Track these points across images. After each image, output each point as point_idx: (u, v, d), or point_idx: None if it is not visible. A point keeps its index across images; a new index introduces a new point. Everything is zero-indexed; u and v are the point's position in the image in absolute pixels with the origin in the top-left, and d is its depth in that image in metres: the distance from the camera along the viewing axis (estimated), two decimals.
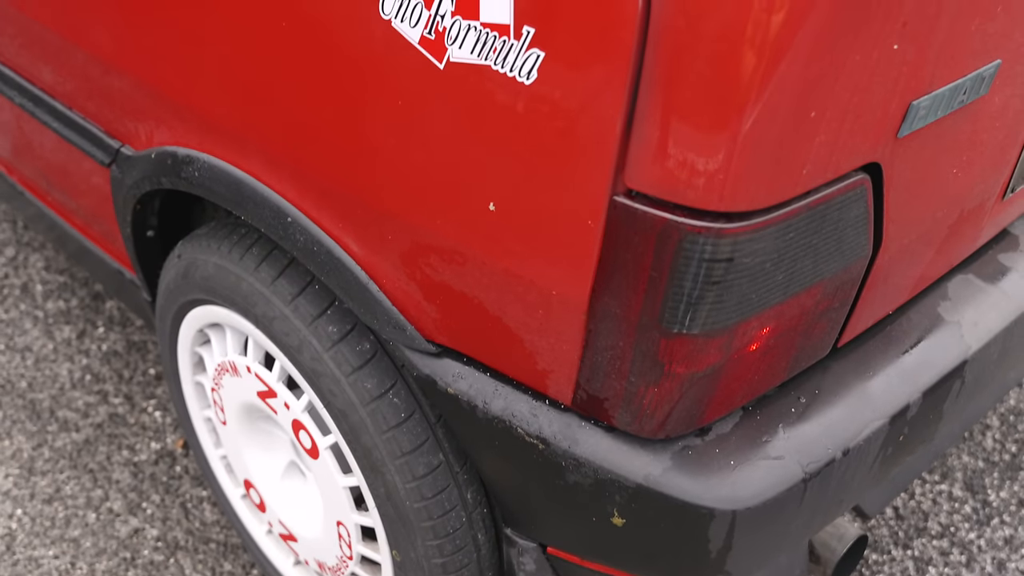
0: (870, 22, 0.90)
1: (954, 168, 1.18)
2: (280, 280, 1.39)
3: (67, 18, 1.54)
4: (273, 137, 1.27)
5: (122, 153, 1.58)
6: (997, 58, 1.09)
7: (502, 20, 0.97)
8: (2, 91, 1.86)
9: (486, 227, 1.08)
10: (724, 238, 0.95)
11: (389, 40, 1.06)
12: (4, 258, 2.69)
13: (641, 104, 0.92)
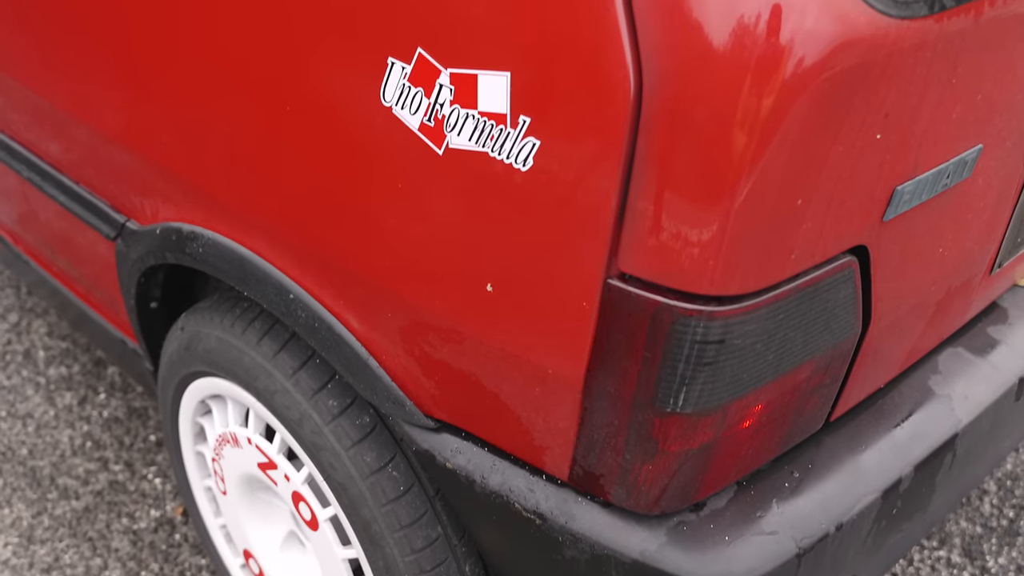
0: (852, 113, 0.93)
1: (940, 248, 1.21)
2: (281, 354, 1.42)
3: (75, 96, 1.58)
4: (276, 215, 1.30)
5: (127, 227, 1.62)
6: (979, 143, 1.13)
7: (499, 109, 1.01)
8: (10, 164, 1.90)
9: (484, 307, 1.11)
10: (715, 321, 0.98)
11: (390, 126, 1.10)
12: (7, 324, 2.72)
13: (634, 191, 0.95)
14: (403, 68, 1.06)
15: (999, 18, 1.02)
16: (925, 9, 0.93)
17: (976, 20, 0.99)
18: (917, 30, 0.93)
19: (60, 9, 1.51)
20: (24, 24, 1.63)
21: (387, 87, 1.08)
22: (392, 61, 1.07)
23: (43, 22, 1.57)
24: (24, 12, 1.61)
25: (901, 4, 0.91)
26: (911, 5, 0.91)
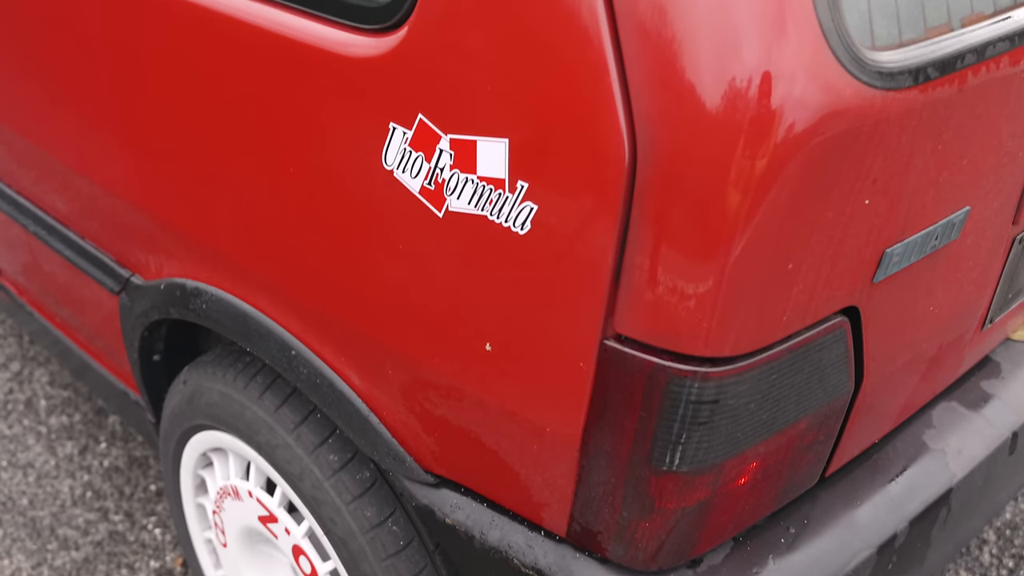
0: (840, 180, 0.96)
1: (931, 306, 1.23)
2: (283, 408, 1.44)
3: (82, 153, 1.61)
4: (280, 273, 1.33)
5: (132, 282, 1.64)
6: (966, 205, 1.16)
7: (498, 174, 1.03)
8: (16, 218, 1.93)
9: (483, 366, 1.13)
10: (710, 381, 1.00)
11: (391, 189, 1.13)
12: (9, 373, 2.73)
13: (629, 254, 0.97)
14: (404, 133, 1.09)
15: (982, 86, 1.05)
16: (910, 80, 0.96)
17: (960, 89, 1.02)
18: (903, 100, 0.96)
19: (70, 69, 1.55)
20: (33, 82, 1.67)
21: (389, 151, 1.11)
22: (393, 126, 1.10)
23: (53, 81, 1.61)
24: (34, 71, 1.65)
25: (886, 76, 0.94)
26: (896, 77, 0.94)
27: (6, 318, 2.93)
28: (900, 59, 0.95)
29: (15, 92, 1.73)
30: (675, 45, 0.89)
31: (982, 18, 1.05)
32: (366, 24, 1.11)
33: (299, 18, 1.17)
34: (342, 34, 1.13)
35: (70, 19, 1.51)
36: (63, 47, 1.55)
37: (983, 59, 1.03)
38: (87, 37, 1.49)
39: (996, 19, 1.06)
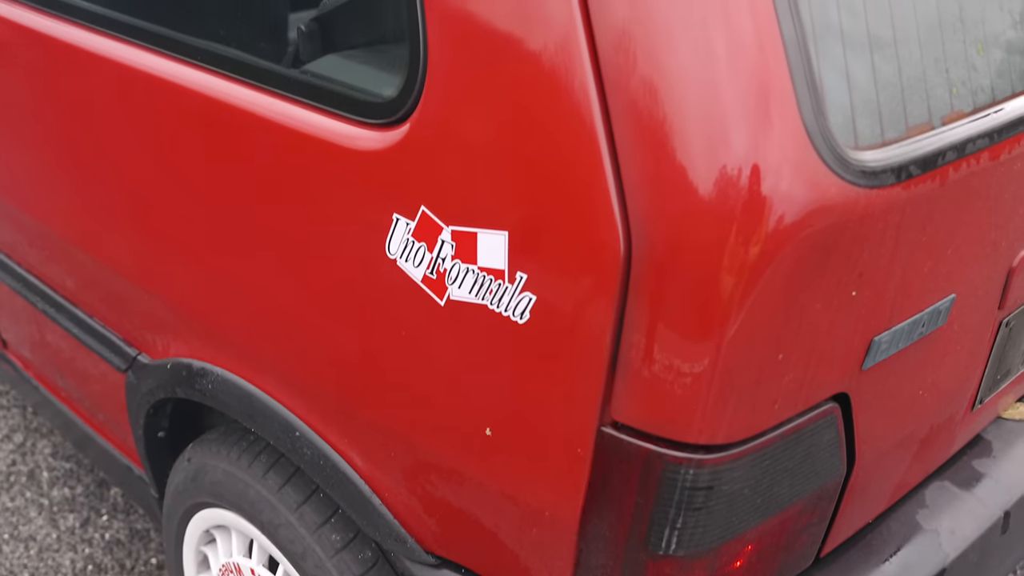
0: (828, 273, 1.00)
1: (921, 390, 1.26)
2: (286, 488, 1.46)
3: (92, 235, 1.66)
4: (285, 356, 1.36)
5: (138, 361, 1.67)
6: (952, 292, 1.19)
7: (498, 265, 1.07)
8: (25, 295, 1.97)
9: (483, 450, 1.16)
10: (704, 468, 1.02)
11: (394, 277, 1.16)
12: (12, 444, 2.75)
13: (625, 343, 1.01)
14: (407, 224, 1.13)
15: (963, 180, 1.09)
16: (893, 178, 1.00)
17: (942, 184, 1.06)
18: (886, 197, 1.00)
19: (80, 152, 1.60)
20: (44, 164, 1.72)
21: (392, 241, 1.15)
22: (397, 217, 1.14)
23: (65, 164, 1.66)
24: (45, 153, 1.70)
25: (870, 174, 0.98)
26: (879, 175, 0.99)
27: (10, 389, 2.96)
28: (883, 158, 1.00)
29: (26, 172, 1.78)
30: (668, 143, 0.94)
31: (961, 116, 1.10)
32: (372, 118, 1.15)
33: (307, 111, 1.22)
34: (349, 127, 1.17)
35: (81, 102, 1.57)
36: (74, 129, 1.60)
37: (963, 155, 1.07)
38: (97, 120, 1.54)
39: (975, 117, 1.11)
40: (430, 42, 1.07)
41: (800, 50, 0.94)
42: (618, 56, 0.94)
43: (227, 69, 1.31)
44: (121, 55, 1.45)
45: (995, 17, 1.19)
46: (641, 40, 0.93)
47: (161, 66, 1.39)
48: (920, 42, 1.09)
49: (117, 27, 1.46)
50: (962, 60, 1.13)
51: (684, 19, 0.91)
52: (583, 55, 0.96)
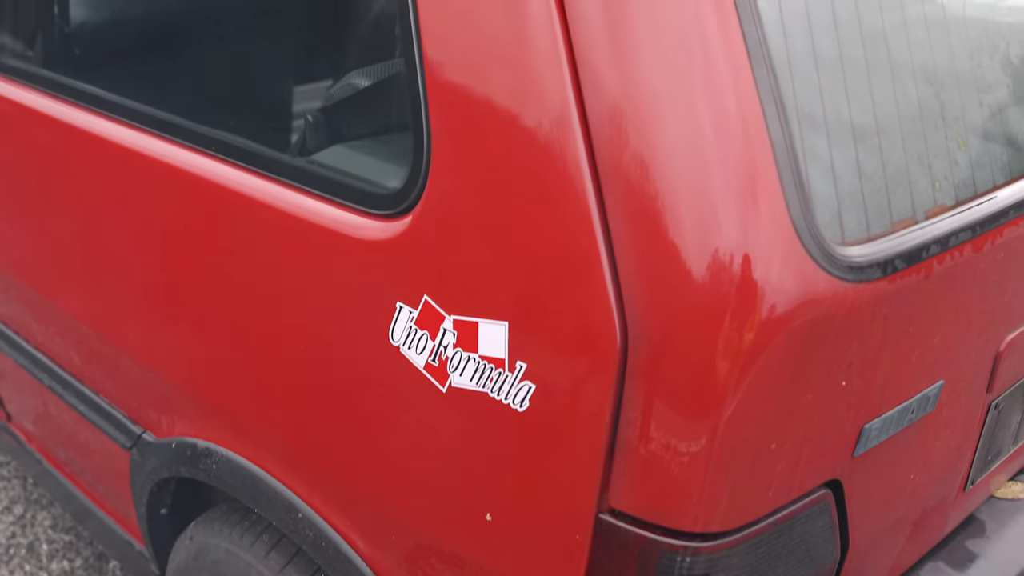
0: (817, 365, 1.03)
1: (912, 474, 1.28)
2: (288, 568, 1.47)
3: (99, 314, 1.69)
4: (289, 438, 1.38)
5: (143, 439, 1.70)
6: (940, 379, 1.23)
7: (498, 354, 1.10)
8: (32, 371, 2.00)
9: (483, 535, 1.18)
10: (700, 556, 1.05)
11: (397, 364, 1.19)
12: (12, 516, 2.75)
13: (622, 432, 1.04)
14: (411, 312, 1.16)
15: (948, 271, 1.13)
16: (879, 272, 1.04)
17: (927, 276, 1.10)
18: (873, 291, 1.04)
19: (90, 234, 1.64)
20: (52, 241, 1.76)
21: (396, 328, 1.19)
22: (400, 305, 1.17)
23: (73, 244, 1.70)
24: (54, 231, 1.74)
25: (856, 269, 1.02)
26: (866, 270, 1.02)
27: (11, 460, 2.97)
28: (868, 253, 1.04)
29: (34, 248, 1.82)
30: (660, 232, 0.98)
31: (944, 210, 1.14)
32: (377, 209, 1.19)
33: (314, 200, 1.26)
34: (355, 217, 1.21)
35: (92, 184, 1.61)
36: (84, 209, 1.65)
37: (947, 248, 1.11)
38: (108, 202, 1.59)
39: (958, 210, 1.15)
40: (433, 134, 1.11)
41: (787, 150, 0.98)
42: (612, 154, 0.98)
43: (236, 158, 1.35)
44: (132, 141, 1.49)
45: (975, 112, 1.24)
46: (634, 139, 0.97)
47: (170, 152, 1.43)
48: (903, 139, 1.13)
49: (130, 114, 1.51)
50: (944, 155, 1.17)
51: (672, 102, 0.96)
52: (580, 152, 1.00)
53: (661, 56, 0.97)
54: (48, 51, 1.80)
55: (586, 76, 0.99)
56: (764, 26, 1.00)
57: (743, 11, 0.98)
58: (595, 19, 0.98)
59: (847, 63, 1.10)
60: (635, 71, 0.97)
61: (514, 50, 1.03)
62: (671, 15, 0.97)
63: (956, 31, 1.25)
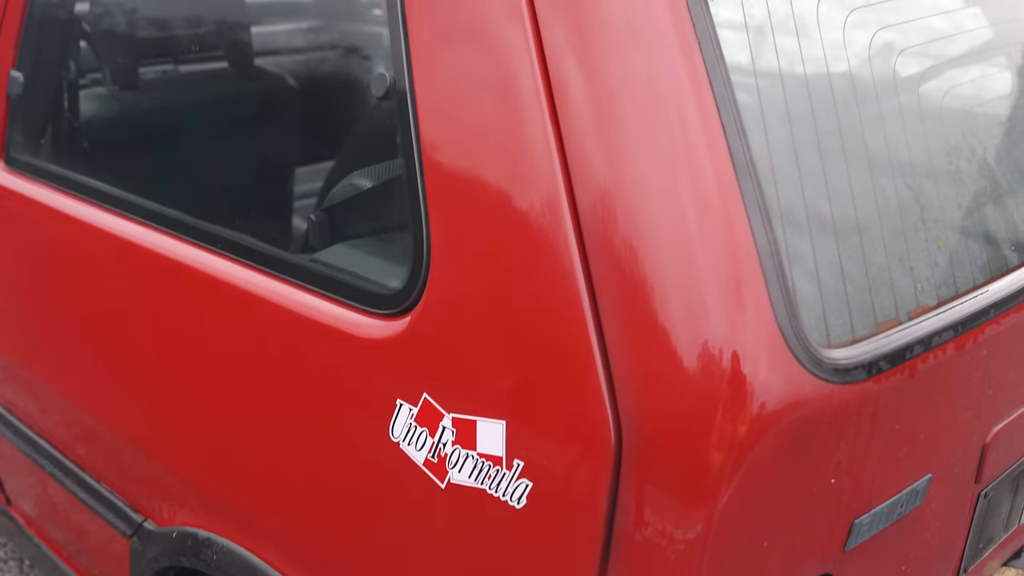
0: (806, 464, 1.06)
1: (904, 566, 1.30)
2: None
3: (103, 404, 1.72)
4: (290, 529, 1.40)
5: (144, 528, 1.71)
6: (928, 472, 1.25)
7: (496, 452, 1.13)
8: (32, 456, 2.01)
9: None
10: None
11: (397, 459, 1.22)
12: None
13: (617, 529, 1.06)
14: (410, 409, 1.20)
15: (931, 370, 1.17)
16: (864, 374, 1.07)
17: (911, 376, 1.14)
18: (859, 392, 1.07)
19: (95, 324, 1.68)
20: (55, 329, 1.79)
21: (396, 424, 1.22)
22: (400, 403, 1.20)
23: (77, 333, 1.73)
24: (57, 319, 1.77)
25: (842, 371, 1.05)
26: (851, 371, 1.06)
27: (7, 541, 2.96)
28: (854, 355, 1.07)
29: (36, 335, 1.85)
30: (653, 335, 1.01)
31: (927, 310, 1.18)
32: (378, 308, 1.23)
33: (317, 299, 1.30)
34: (356, 315, 1.25)
35: (96, 276, 1.65)
36: (89, 300, 1.68)
37: (930, 348, 1.15)
38: (112, 294, 1.62)
39: (940, 310, 1.19)
40: (433, 235, 1.15)
41: (772, 256, 1.02)
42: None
43: (240, 255, 1.39)
44: (135, 235, 1.54)
45: (953, 212, 1.29)
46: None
47: (173, 247, 1.48)
48: (885, 241, 1.18)
49: (134, 209, 1.55)
50: (925, 256, 1.21)
51: (657, 229, 1.00)
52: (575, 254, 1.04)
53: (647, 158, 1.02)
54: (52, 144, 1.86)
55: (579, 184, 1.04)
56: (749, 141, 1.05)
57: (727, 122, 1.03)
58: (588, 138, 1.03)
59: (828, 169, 1.15)
60: (622, 168, 1.02)
61: (508, 143, 1.08)
62: (658, 121, 1.02)
63: (933, 135, 1.31)
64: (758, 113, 1.10)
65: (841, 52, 1.23)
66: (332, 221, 1.44)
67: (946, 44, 1.44)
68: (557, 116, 1.05)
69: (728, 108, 1.03)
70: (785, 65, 1.16)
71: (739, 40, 1.11)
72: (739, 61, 1.10)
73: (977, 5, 1.57)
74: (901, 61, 1.28)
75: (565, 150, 1.04)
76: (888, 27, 1.32)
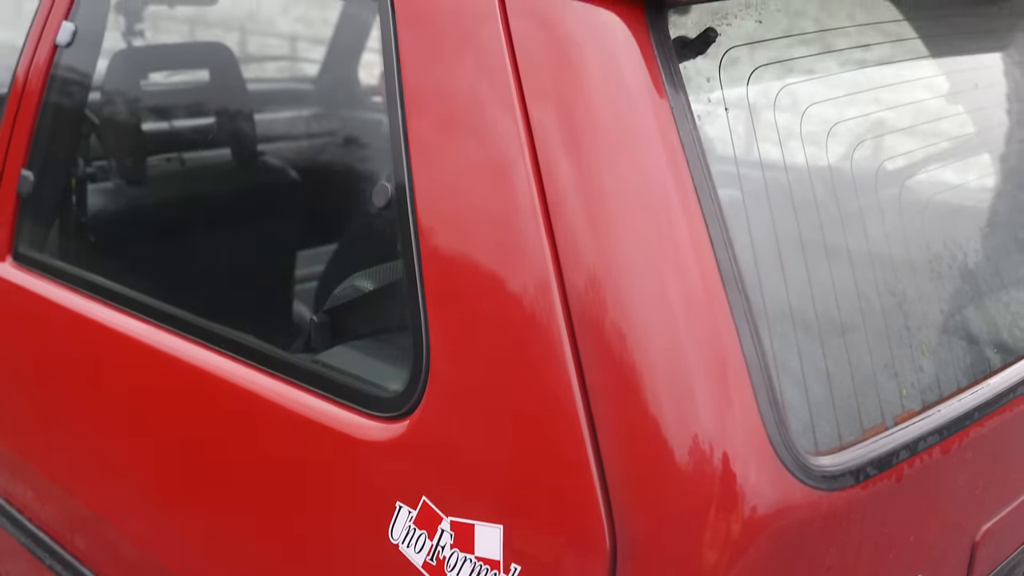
0: (797, 570, 1.08)
1: None
2: None
3: (105, 501, 1.73)
4: None
5: None
6: (919, 573, 1.27)
7: (494, 556, 1.16)
8: (32, 550, 2.02)
9: None
10: None
11: (396, 562, 1.24)
12: None
13: None
14: (410, 512, 1.22)
15: (918, 473, 1.20)
16: (852, 480, 1.10)
17: (898, 480, 1.17)
18: (847, 497, 1.10)
19: (98, 424, 1.70)
20: (60, 429, 1.81)
21: (395, 527, 1.24)
22: (400, 505, 1.23)
23: (80, 432, 1.76)
24: (62, 420, 1.80)
25: (830, 478, 1.08)
26: (839, 478, 1.09)
27: None
28: (842, 462, 1.10)
29: (46, 436, 1.88)
30: (647, 436, 1.05)
31: (912, 415, 1.22)
32: (378, 411, 1.26)
33: (318, 399, 1.33)
34: (356, 417, 1.28)
35: (98, 372, 1.68)
36: (96, 401, 1.71)
37: (916, 453, 1.18)
38: (114, 396, 1.65)
39: (925, 415, 1.22)
40: (432, 340, 1.19)
41: (760, 368, 1.06)
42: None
43: (243, 355, 1.43)
44: (140, 333, 1.58)
45: (937, 318, 1.33)
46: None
47: (178, 346, 1.51)
48: (870, 349, 1.22)
49: (138, 307, 1.59)
50: (910, 362, 1.25)
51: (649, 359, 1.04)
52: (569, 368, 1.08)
53: (636, 259, 1.06)
54: (59, 240, 1.90)
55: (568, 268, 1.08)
56: (735, 250, 1.09)
57: (713, 227, 1.07)
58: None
59: (813, 275, 1.20)
60: (611, 259, 1.06)
61: (502, 234, 1.12)
62: (643, 220, 1.07)
63: (915, 241, 1.36)
64: (744, 219, 1.14)
65: (824, 162, 1.29)
66: (334, 322, 1.47)
67: (927, 150, 1.50)
68: (548, 207, 1.09)
69: (714, 215, 1.08)
70: (770, 175, 1.22)
71: (723, 143, 1.17)
72: (724, 169, 1.16)
73: (959, 105, 1.63)
74: (882, 176, 1.34)
75: (559, 254, 1.09)
76: (870, 137, 1.38)
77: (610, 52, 1.12)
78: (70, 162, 1.92)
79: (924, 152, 1.48)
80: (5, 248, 1.86)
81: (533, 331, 1.10)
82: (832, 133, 1.31)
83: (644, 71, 1.11)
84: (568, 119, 1.11)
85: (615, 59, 1.12)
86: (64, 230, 1.90)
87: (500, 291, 1.13)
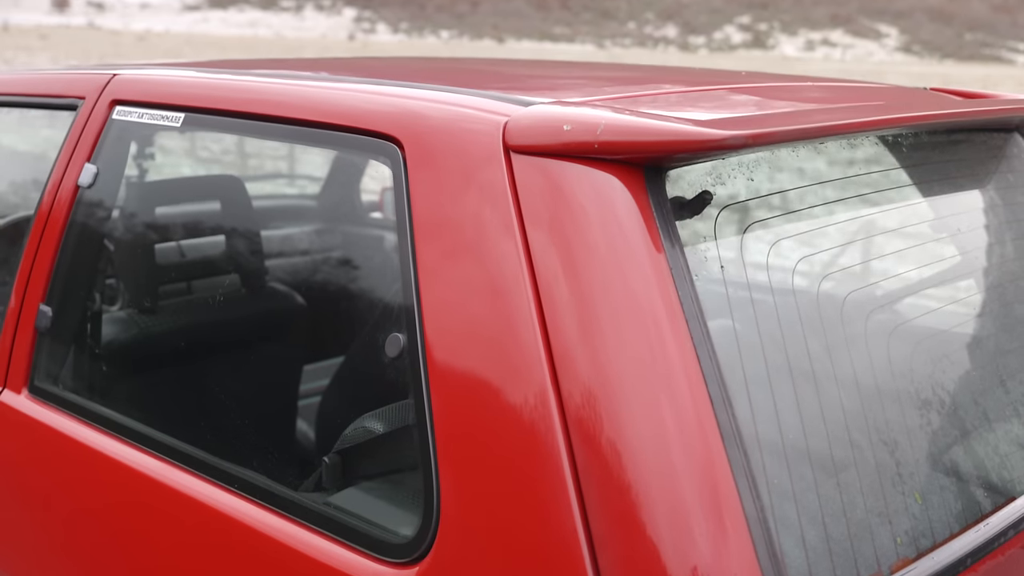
0: None
1: None
2: None
3: None
4: None
5: None
6: None
7: None
8: None
9: None
10: None
11: None
12: None
13: None
14: None
15: None
16: None
17: None
18: None
19: (110, 560, 1.72)
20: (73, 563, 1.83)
21: None
22: None
23: (92, 567, 1.77)
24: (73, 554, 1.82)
25: None
26: None
27: None
28: None
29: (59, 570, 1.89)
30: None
31: (907, 562, 1.26)
32: (389, 556, 1.30)
33: (330, 543, 1.36)
34: (368, 562, 1.31)
35: (106, 509, 1.71)
36: (100, 531, 1.73)
37: None
38: (127, 532, 1.68)
39: (919, 562, 1.26)
40: (443, 486, 1.23)
41: (760, 524, 1.11)
42: None
43: (255, 495, 1.46)
44: (152, 470, 1.61)
45: (924, 469, 1.38)
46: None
47: (185, 481, 1.55)
48: (866, 500, 1.26)
49: (152, 444, 1.64)
50: (903, 510, 1.30)
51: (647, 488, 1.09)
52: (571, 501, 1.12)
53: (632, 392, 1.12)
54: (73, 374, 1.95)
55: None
56: (735, 411, 1.15)
57: (714, 394, 1.13)
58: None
59: (810, 434, 1.25)
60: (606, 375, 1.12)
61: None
62: (635, 339, 1.13)
63: (905, 390, 1.41)
64: (744, 392, 1.20)
65: (815, 311, 1.36)
66: (345, 463, 1.51)
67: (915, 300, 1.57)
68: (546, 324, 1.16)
69: (718, 396, 1.13)
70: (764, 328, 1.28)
71: (719, 297, 1.23)
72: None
73: (946, 247, 1.71)
74: (871, 326, 1.40)
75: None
76: (861, 287, 1.45)
77: (608, 204, 1.20)
78: (87, 297, 1.98)
79: (912, 301, 1.55)
80: (22, 381, 1.91)
81: (537, 468, 1.15)
82: (821, 286, 1.38)
83: (640, 221, 1.19)
84: (563, 240, 1.18)
85: (613, 211, 1.20)
86: (78, 364, 1.95)
87: (505, 426, 1.18)
